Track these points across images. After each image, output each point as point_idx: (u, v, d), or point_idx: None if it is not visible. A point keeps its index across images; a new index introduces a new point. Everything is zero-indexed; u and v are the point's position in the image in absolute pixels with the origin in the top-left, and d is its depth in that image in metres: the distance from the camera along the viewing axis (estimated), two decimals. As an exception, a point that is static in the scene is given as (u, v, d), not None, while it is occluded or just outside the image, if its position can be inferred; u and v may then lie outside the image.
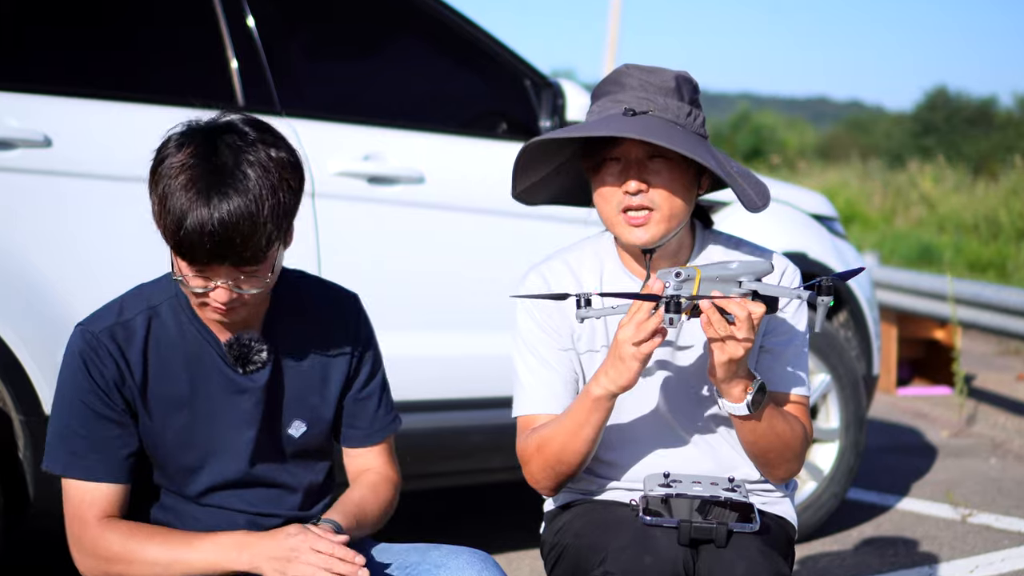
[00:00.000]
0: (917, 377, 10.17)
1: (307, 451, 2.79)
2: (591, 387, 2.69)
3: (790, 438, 2.81)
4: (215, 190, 2.42)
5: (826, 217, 5.92)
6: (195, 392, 2.66)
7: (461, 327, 4.71)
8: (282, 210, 2.49)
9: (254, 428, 2.70)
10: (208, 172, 2.44)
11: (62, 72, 4.04)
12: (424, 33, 5.04)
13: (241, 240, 2.44)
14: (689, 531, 2.66)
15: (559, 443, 2.77)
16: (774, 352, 2.87)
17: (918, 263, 17.35)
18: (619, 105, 2.77)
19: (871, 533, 5.78)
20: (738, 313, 2.56)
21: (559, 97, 4.95)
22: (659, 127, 2.69)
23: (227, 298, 2.52)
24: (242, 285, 2.53)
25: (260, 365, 2.68)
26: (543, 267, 2.96)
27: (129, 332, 2.63)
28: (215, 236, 2.42)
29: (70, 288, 3.82)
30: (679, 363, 2.88)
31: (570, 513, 2.91)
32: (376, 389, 2.86)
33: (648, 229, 2.77)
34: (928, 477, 6.94)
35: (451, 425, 4.71)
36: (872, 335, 5.89)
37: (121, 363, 2.61)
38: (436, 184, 4.65)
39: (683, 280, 2.57)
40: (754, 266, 2.64)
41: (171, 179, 2.45)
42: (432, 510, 5.96)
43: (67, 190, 3.89)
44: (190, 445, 2.68)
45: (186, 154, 2.47)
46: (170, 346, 2.65)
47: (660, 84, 2.78)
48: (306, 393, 2.76)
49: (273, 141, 2.54)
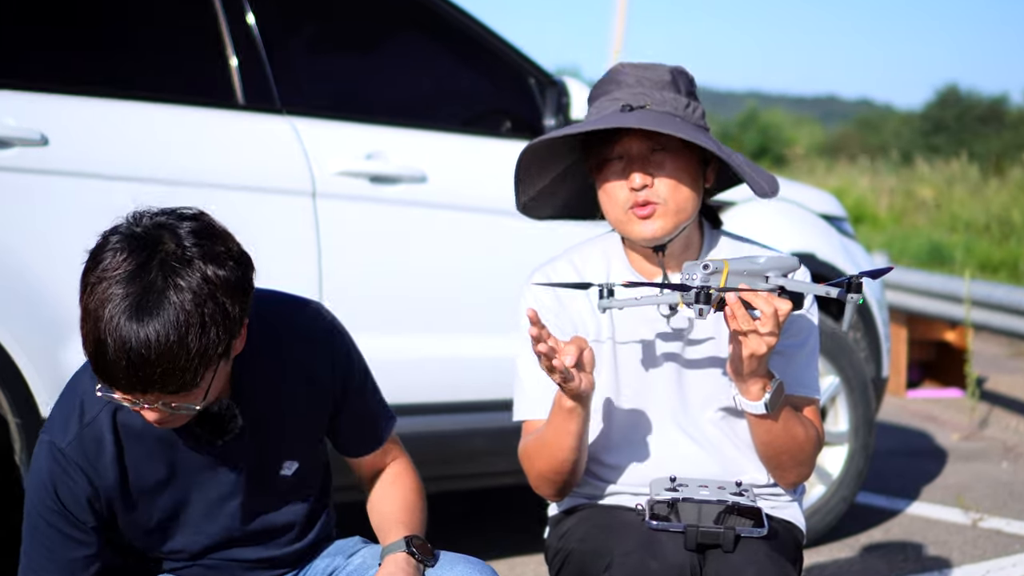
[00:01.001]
0: (927, 379, 10.15)
1: (301, 486, 2.74)
2: (559, 396, 2.68)
3: (804, 441, 2.80)
4: (137, 316, 2.23)
5: (835, 217, 5.91)
6: (175, 472, 2.58)
7: (465, 329, 4.70)
8: (213, 342, 2.28)
9: (240, 498, 2.64)
10: (135, 294, 2.24)
11: (59, 70, 4.03)
12: (427, 30, 5.03)
13: (163, 372, 2.25)
14: (696, 536, 2.65)
15: (546, 453, 2.78)
16: (786, 354, 2.86)
17: (928, 263, 17.32)
18: (616, 103, 2.77)
19: (880, 538, 5.77)
20: (764, 309, 2.56)
21: (564, 95, 4.95)
22: (657, 119, 2.70)
23: (158, 418, 2.37)
24: (173, 405, 2.34)
25: (236, 432, 2.55)
26: (548, 268, 2.95)
27: (97, 436, 2.51)
28: (134, 368, 2.24)
29: (67, 290, 3.80)
30: (686, 366, 2.88)
31: (575, 517, 2.91)
32: (367, 397, 2.78)
33: (656, 221, 2.76)
34: (938, 481, 6.93)
35: (455, 428, 4.70)
36: (882, 337, 5.88)
37: (93, 476, 2.51)
38: (439, 183, 4.64)
39: (711, 272, 2.55)
40: (782, 261, 2.64)
41: (97, 294, 2.28)
42: (434, 515, 5.94)
43: (64, 190, 3.89)
44: (180, 524, 2.63)
45: (118, 262, 2.29)
46: (140, 435, 2.53)
47: (656, 79, 2.79)
48: (292, 435, 2.67)
49: (215, 256, 2.31)
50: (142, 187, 3.61)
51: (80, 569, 2.56)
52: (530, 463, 2.84)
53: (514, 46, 5.01)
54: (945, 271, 15.63)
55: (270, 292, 2.66)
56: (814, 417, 2.89)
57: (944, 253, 18.10)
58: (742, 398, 2.71)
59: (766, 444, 2.79)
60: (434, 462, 4.70)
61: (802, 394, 2.89)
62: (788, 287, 2.60)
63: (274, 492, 2.70)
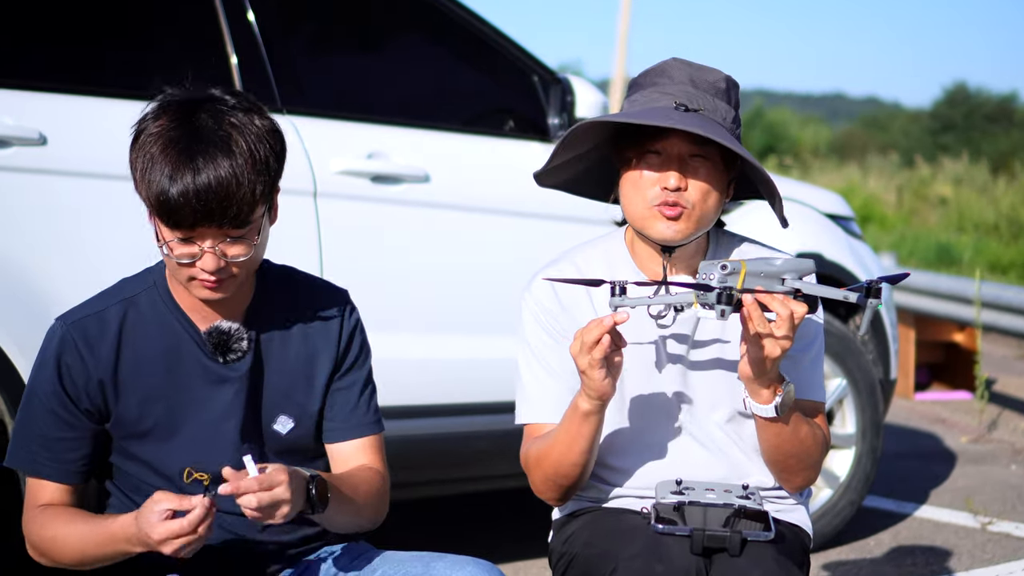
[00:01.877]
0: (936, 381, 10.16)
1: (296, 450, 2.77)
2: (577, 400, 2.69)
3: (811, 444, 2.80)
4: (199, 151, 2.46)
5: (842, 217, 5.92)
6: (173, 383, 2.67)
7: (468, 330, 4.71)
8: (267, 169, 2.52)
9: (235, 419, 2.70)
10: (190, 135, 2.48)
11: (57, 68, 4.04)
12: (429, 28, 5.04)
13: (227, 198, 2.46)
14: (702, 539, 2.65)
15: (555, 456, 2.78)
16: (793, 358, 2.85)
17: (937, 264, 17.33)
18: (667, 97, 2.76)
19: (888, 542, 5.77)
20: (780, 311, 2.55)
21: (568, 94, 4.95)
22: (713, 128, 2.69)
23: (215, 265, 2.52)
24: (228, 251, 2.53)
25: (241, 354, 2.69)
26: (551, 270, 2.94)
27: (102, 323, 2.65)
28: (200, 196, 2.44)
29: (66, 290, 3.81)
30: (692, 367, 2.88)
31: (579, 521, 2.91)
32: (359, 380, 2.84)
33: (680, 226, 2.76)
34: (947, 484, 6.93)
35: (459, 430, 4.70)
36: (889, 338, 5.88)
37: (89, 360, 2.63)
38: (442, 183, 4.64)
39: (728, 273, 2.54)
40: (798, 264, 2.64)
41: (152, 144, 2.49)
42: (438, 518, 5.95)
43: (63, 189, 3.89)
44: (171, 438, 2.68)
45: (166, 120, 2.51)
46: (146, 336, 2.67)
47: (711, 83, 2.79)
48: (291, 388, 2.75)
49: (253, 107, 2.58)
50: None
51: (65, 450, 2.66)
52: (537, 466, 2.84)
53: (517, 43, 5.01)
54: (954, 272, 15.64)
55: (293, 267, 2.86)
56: (820, 421, 2.89)
57: (953, 253, 18.11)
58: (752, 401, 2.71)
59: (774, 448, 2.79)
60: (437, 465, 4.70)
61: (809, 398, 2.88)
62: (805, 290, 2.59)
63: (268, 444, 2.74)
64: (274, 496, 2.43)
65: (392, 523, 2.95)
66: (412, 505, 5.34)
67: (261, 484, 2.42)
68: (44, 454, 2.65)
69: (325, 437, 2.84)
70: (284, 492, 2.44)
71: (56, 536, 2.62)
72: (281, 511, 2.45)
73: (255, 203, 2.51)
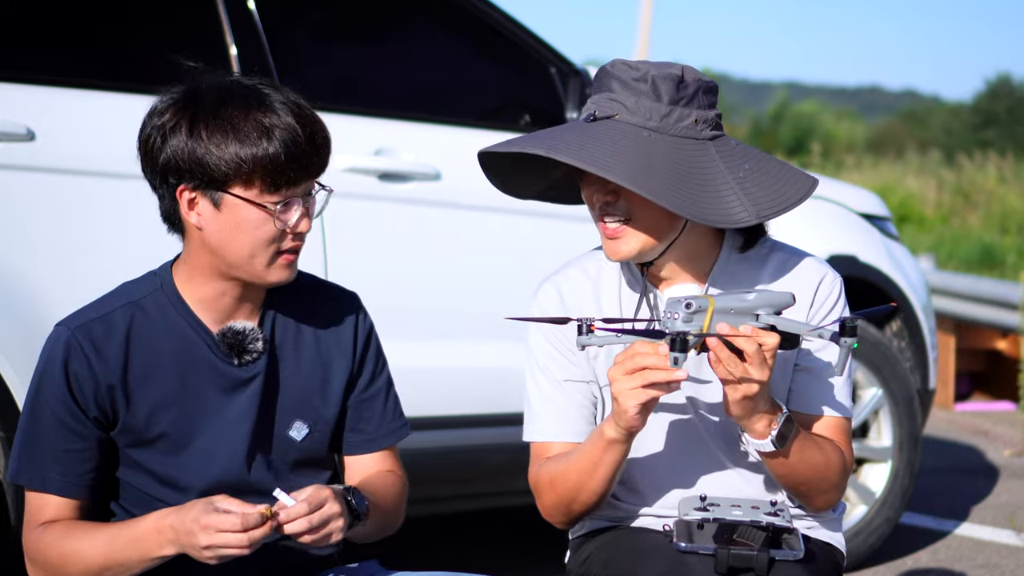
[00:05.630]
0: (977, 391, 10.14)
1: (310, 459, 2.79)
2: (604, 428, 2.66)
3: (825, 469, 2.77)
4: (267, 102, 2.58)
5: (878, 217, 5.90)
6: (185, 389, 2.67)
7: (481, 336, 4.70)
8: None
9: (248, 425, 2.70)
10: (244, 96, 2.57)
11: (46, 60, 4.04)
12: (440, 17, 5.04)
13: (317, 135, 2.62)
14: (727, 558, 2.64)
15: (573, 482, 2.76)
16: (811, 371, 2.83)
17: (978, 267, 17.29)
18: (592, 106, 2.73)
19: (927, 561, 5.76)
20: (747, 348, 2.51)
21: (587, 85, 4.94)
22: (613, 136, 2.64)
23: (308, 225, 2.64)
24: (311, 211, 2.66)
25: (255, 356, 2.70)
26: (559, 277, 2.93)
27: (109, 327, 2.64)
28: (298, 142, 2.57)
29: (55, 292, 3.82)
30: (711, 382, 2.84)
31: (597, 541, 2.90)
32: (382, 388, 2.87)
33: (622, 242, 2.72)
34: (989, 500, 6.92)
35: (472, 443, 4.70)
36: (928, 345, 5.86)
37: (97, 365, 2.62)
38: (453, 181, 4.65)
39: (694, 312, 2.50)
40: (774, 298, 2.59)
41: (216, 117, 2.54)
42: (451, 535, 5.95)
43: (52, 187, 3.90)
44: (182, 447, 2.68)
45: (208, 97, 2.57)
46: (155, 341, 2.67)
47: (633, 81, 2.69)
48: (307, 393, 2.77)
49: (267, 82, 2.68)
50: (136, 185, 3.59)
51: (75, 463, 2.64)
52: (550, 489, 2.82)
53: (534, 32, 5.01)
54: (996, 275, 15.59)
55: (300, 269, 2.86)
56: (842, 439, 2.84)
57: (996, 255, 18.05)
58: (748, 437, 2.69)
59: (783, 476, 2.76)
60: (448, 480, 4.70)
61: (828, 414, 2.84)
62: (779, 326, 2.56)
63: (279, 453, 2.75)
64: (324, 514, 2.49)
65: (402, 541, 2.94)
66: (423, 522, 5.33)
67: (311, 505, 2.47)
68: (53, 467, 2.64)
69: (347, 448, 2.86)
70: (334, 506, 2.50)
71: (72, 551, 2.59)
72: (335, 525, 2.51)
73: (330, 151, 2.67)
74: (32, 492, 2.67)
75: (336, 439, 2.85)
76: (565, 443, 2.84)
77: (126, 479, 2.72)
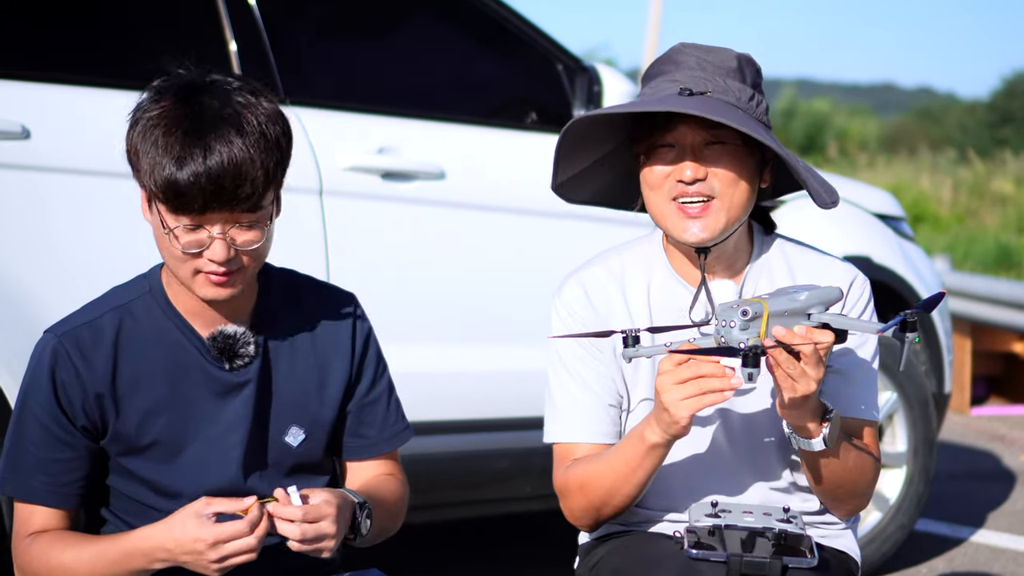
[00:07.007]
0: (994, 395, 10.12)
1: (306, 465, 2.79)
2: (646, 432, 2.66)
3: (862, 471, 2.79)
4: (209, 129, 2.47)
5: (892, 217, 5.90)
6: (176, 395, 2.67)
7: (487, 339, 4.70)
8: (279, 149, 2.54)
9: (243, 431, 2.70)
10: (196, 114, 2.50)
11: (42, 56, 4.04)
12: (444, 12, 5.03)
13: (240, 176, 2.47)
14: (739, 566, 2.63)
15: (606, 485, 2.76)
16: (844, 373, 2.84)
17: (995, 268, 17.27)
18: (674, 85, 2.75)
19: (942, 569, 5.75)
20: (805, 349, 2.52)
21: (595, 83, 4.94)
22: (719, 108, 2.67)
23: (224, 254, 2.52)
24: (239, 238, 2.53)
25: (247, 360, 2.69)
26: (583, 274, 2.93)
27: (96, 333, 2.65)
28: (212, 176, 2.45)
29: (50, 294, 3.82)
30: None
31: (607, 547, 2.89)
32: (383, 393, 2.87)
33: (706, 222, 2.74)
34: (1006, 507, 6.91)
35: (477, 449, 4.70)
36: (943, 349, 5.86)
37: (85, 373, 2.62)
38: (458, 180, 4.64)
39: (750, 319, 2.51)
40: (824, 294, 2.61)
41: (155, 127, 2.50)
42: (456, 542, 5.95)
43: (48, 186, 3.89)
44: (175, 454, 2.68)
45: (169, 102, 2.52)
46: (144, 346, 2.66)
47: (720, 64, 2.76)
48: (302, 397, 2.76)
49: (258, 90, 2.60)
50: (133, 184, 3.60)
51: (61, 472, 2.65)
52: (580, 493, 2.82)
53: (540, 28, 5.00)
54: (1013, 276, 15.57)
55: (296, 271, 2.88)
56: (871, 441, 2.87)
57: (1013, 256, 18.02)
58: (798, 437, 2.69)
59: (823, 479, 2.77)
60: (455, 486, 4.69)
61: (860, 417, 2.86)
62: (833, 324, 2.57)
63: (275, 460, 2.75)
64: (318, 530, 2.50)
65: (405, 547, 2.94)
66: (428, 529, 5.33)
67: (306, 516, 2.48)
68: (40, 477, 2.64)
69: (347, 453, 2.87)
70: (329, 527, 2.51)
71: (58, 565, 2.60)
72: (326, 544, 2.52)
73: (268, 184, 2.53)
74: (20, 502, 2.67)
75: (334, 443, 2.85)
76: (592, 444, 2.84)
77: (118, 487, 2.72)
